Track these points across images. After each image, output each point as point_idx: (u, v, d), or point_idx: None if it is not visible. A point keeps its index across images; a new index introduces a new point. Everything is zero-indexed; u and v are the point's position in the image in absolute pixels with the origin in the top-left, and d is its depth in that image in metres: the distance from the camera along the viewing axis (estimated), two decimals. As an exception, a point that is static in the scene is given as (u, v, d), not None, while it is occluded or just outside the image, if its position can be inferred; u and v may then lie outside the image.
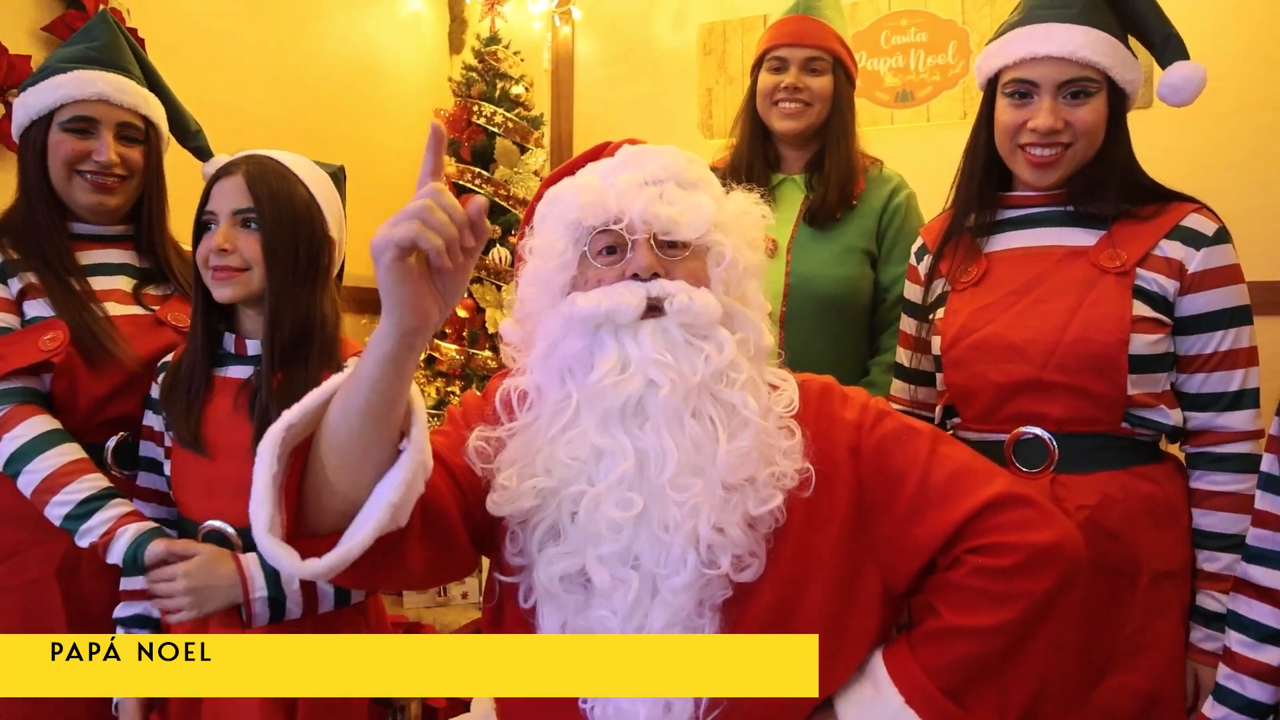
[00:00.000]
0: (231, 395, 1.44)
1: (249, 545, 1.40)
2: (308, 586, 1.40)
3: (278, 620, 1.40)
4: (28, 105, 1.57)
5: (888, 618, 1.12)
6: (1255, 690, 1.16)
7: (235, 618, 1.38)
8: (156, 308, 1.63)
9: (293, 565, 0.89)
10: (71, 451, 1.46)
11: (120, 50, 1.64)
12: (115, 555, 1.41)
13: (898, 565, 1.08)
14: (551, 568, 1.03)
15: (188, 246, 1.70)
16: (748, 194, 1.19)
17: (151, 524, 1.45)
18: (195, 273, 1.45)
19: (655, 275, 1.06)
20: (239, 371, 1.46)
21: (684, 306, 1.04)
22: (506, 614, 1.13)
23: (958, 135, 2.78)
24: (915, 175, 2.05)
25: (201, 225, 1.43)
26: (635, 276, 1.06)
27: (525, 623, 1.09)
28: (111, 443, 1.55)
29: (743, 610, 1.03)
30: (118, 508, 1.44)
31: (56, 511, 1.42)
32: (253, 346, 1.47)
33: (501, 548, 1.10)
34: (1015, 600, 1.01)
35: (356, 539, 0.90)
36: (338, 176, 1.58)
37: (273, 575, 1.39)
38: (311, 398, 0.96)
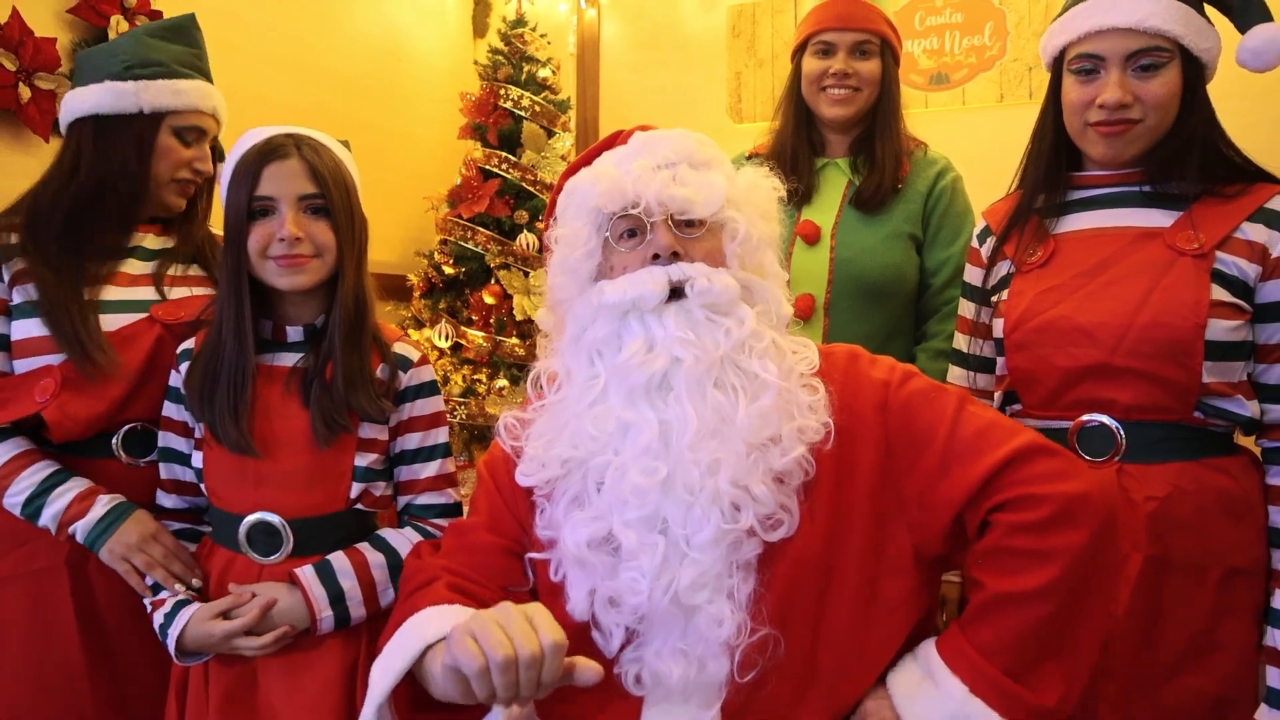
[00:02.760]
0: (279, 384, 1.40)
1: (298, 536, 1.38)
2: (367, 588, 1.39)
3: (343, 626, 1.39)
4: (142, 98, 1.54)
5: (922, 583, 1.10)
6: None
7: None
8: (167, 288, 1.58)
9: None
10: (9, 449, 1.46)
11: (206, 56, 1.69)
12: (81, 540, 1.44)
13: (927, 523, 1.08)
14: (578, 532, 1.07)
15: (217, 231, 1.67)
16: (757, 168, 1.23)
17: (104, 511, 1.43)
18: (232, 260, 1.39)
19: (675, 255, 1.11)
20: (283, 359, 1.42)
21: (704, 289, 1.09)
22: (540, 589, 1.15)
23: (994, 118, 2.73)
24: (952, 160, 2.00)
25: (252, 211, 1.37)
26: (656, 257, 1.11)
27: (556, 595, 1.11)
28: (120, 433, 1.52)
29: (777, 567, 1.05)
30: (60, 500, 1.43)
31: (14, 513, 1.45)
32: (294, 333, 1.44)
33: (532, 529, 1.14)
34: (1056, 557, 0.99)
35: None
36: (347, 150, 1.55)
37: (336, 592, 1.37)
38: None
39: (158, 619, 1.39)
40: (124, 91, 1.54)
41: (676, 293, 1.10)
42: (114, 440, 1.51)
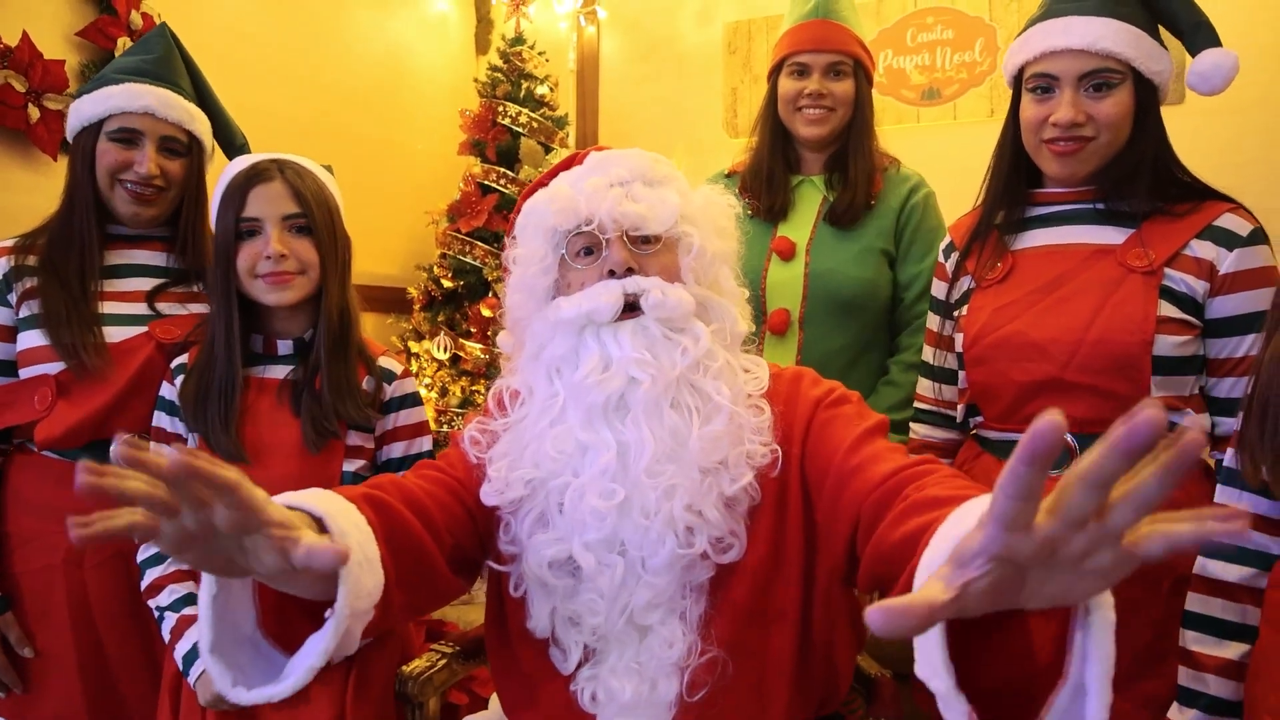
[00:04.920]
0: (271, 395, 1.47)
1: None
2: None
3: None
4: (80, 112, 1.61)
5: (843, 605, 1.12)
6: (1219, 688, 1.16)
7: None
8: (165, 305, 1.63)
9: (224, 690, 0.85)
10: None
11: (173, 64, 1.68)
12: None
13: (833, 542, 1.06)
14: (541, 553, 1.08)
15: None
16: (713, 185, 1.23)
17: None
18: (222, 278, 1.46)
19: (630, 270, 1.11)
20: (275, 371, 1.49)
21: (658, 302, 1.08)
22: (505, 603, 1.17)
23: (985, 133, 2.76)
24: (943, 174, 2.03)
25: (239, 232, 1.44)
26: (611, 273, 1.11)
27: (518, 611, 1.13)
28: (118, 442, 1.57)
29: (726, 591, 1.07)
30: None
31: None
32: (284, 346, 1.50)
33: (496, 537, 1.14)
34: None
35: (281, 688, 0.84)
36: (330, 174, 1.62)
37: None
38: None
39: (183, 647, 1.42)
40: (74, 111, 1.62)
41: (632, 308, 1.09)
42: (113, 449, 1.56)
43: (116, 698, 1.56)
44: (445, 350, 2.90)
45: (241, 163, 1.49)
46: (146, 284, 1.64)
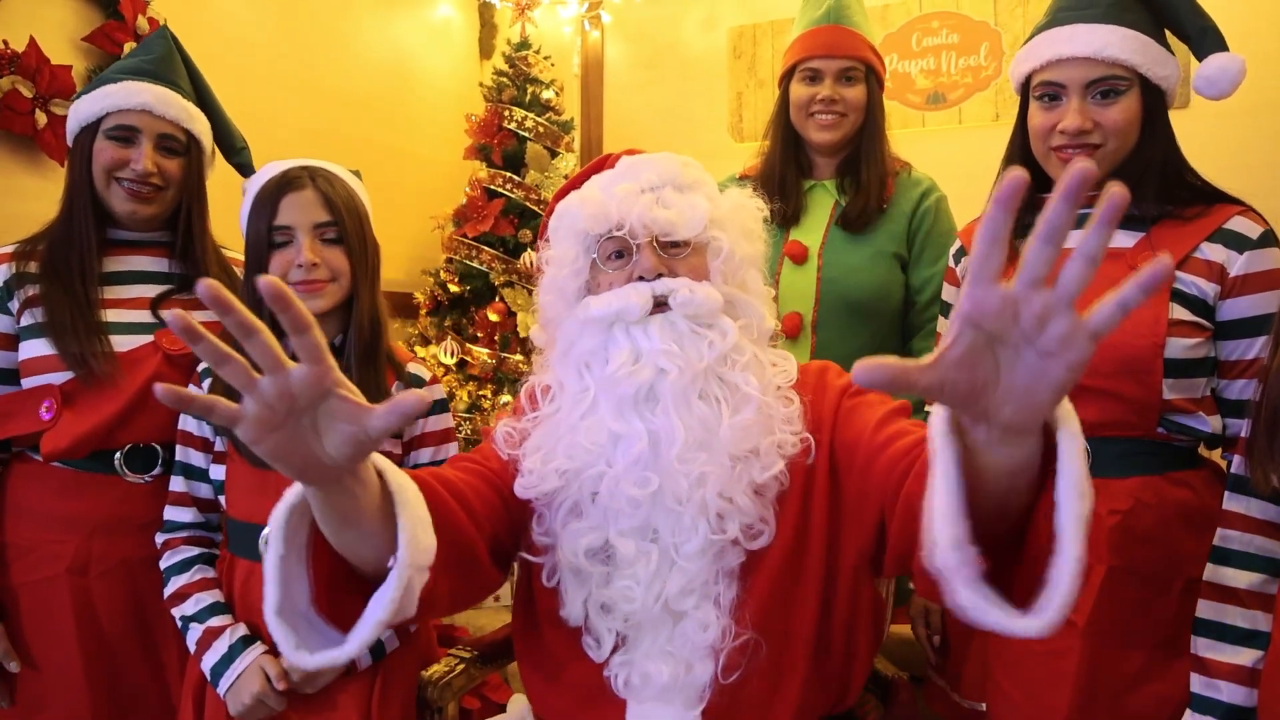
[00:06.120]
0: None
1: None
2: None
3: (380, 657, 1.45)
4: (79, 112, 1.60)
5: (866, 593, 1.15)
6: (1232, 694, 1.17)
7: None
8: (168, 313, 1.61)
9: (287, 653, 0.86)
10: None
11: (172, 64, 1.67)
12: None
13: (862, 521, 1.10)
14: (576, 541, 1.11)
15: (229, 253, 1.73)
16: (743, 189, 1.27)
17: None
18: (252, 288, 1.45)
19: (660, 275, 1.15)
20: None
21: (686, 300, 1.13)
22: (535, 593, 1.20)
23: (990, 137, 2.77)
24: (948, 178, 2.04)
25: (272, 241, 1.44)
26: (641, 278, 1.15)
27: (551, 601, 1.16)
28: (124, 450, 1.56)
29: (756, 575, 1.10)
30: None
31: None
32: None
33: (530, 530, 1.18)
34: None
35: (346, 649, 0.86)
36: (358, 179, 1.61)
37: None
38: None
39: (210, 659, 1.41)
40: (73, 112, 1.62)
41: (661, 305, 1.13)
42: (117, 457, 1.55)
43: (123, 707, 1.55)
44: (452, 355, 2.91)
45: (272, 169, 1.49)
46: (148, 291, 1.62)
